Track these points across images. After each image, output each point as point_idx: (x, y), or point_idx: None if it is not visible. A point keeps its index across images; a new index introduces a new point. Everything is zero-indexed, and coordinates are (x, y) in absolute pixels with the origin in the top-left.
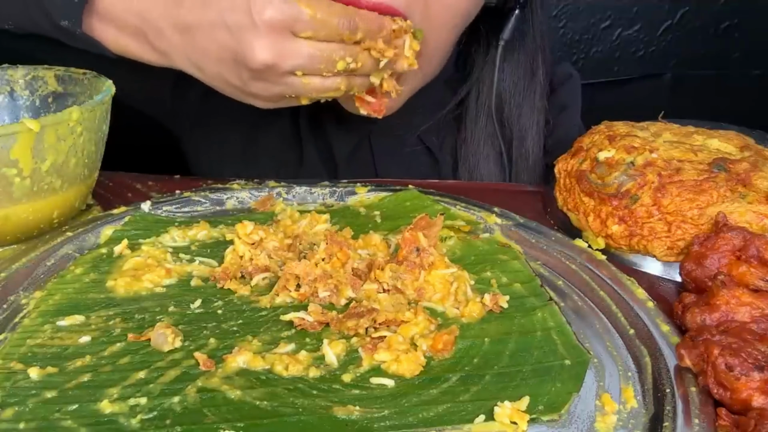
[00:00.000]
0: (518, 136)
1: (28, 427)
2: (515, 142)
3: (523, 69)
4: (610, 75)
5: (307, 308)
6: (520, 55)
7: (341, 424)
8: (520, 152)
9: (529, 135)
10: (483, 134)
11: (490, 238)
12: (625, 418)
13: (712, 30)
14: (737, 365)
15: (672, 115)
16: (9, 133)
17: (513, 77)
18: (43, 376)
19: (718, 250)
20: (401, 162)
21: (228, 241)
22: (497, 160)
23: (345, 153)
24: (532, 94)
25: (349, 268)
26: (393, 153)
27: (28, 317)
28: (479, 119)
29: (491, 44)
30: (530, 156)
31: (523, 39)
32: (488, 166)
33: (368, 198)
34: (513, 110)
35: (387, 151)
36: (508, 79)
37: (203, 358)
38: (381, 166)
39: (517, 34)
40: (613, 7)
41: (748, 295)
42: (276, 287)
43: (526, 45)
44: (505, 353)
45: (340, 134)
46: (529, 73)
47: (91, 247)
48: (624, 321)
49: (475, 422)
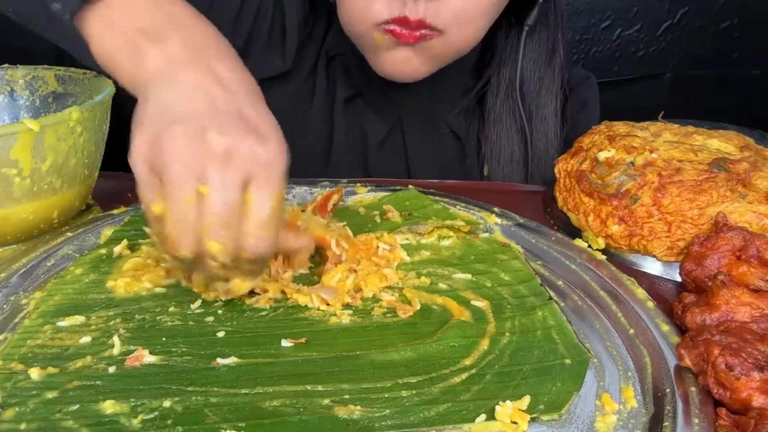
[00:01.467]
0: (538, 113)
1: (29, 427)
2: (535, 117)
3: (545, 47)
4: (610, 75)
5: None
6: (542, 35)
7: (342, 424)
8: (539, 128)
9: (548, 110)
10: (504, 111)
11: (490, 237)
12: (625, 418)
13: (712, 30)
14: (737, 365)
15: (672, 115)
16: (9, 133)
17: (534, 55)
18: (44, 377)
19: (718, 250)
20: (430, 146)
21: None
22: (519, 139)
23: (378, 139)
24: (552, 70)
25: None
26: (423, 138)
27: (28, 318)
28: (500, 98)
29: (514, 29)
30: (549, 134)
31: (545, 19)
32: (510, 144)
33: (368, 198)
34: (533, 86)
35: (417, 136)
36: (529, 58)
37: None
38: (411, 149)
39: (540, 16)
40: (613, 7)
41: (748, 295)
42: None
43: (549, 24)
44: (506, 352)
45: (374, 121)
46: (549, 51)
47: (91, 248)
48: (624, 321)
49: (476, 422)
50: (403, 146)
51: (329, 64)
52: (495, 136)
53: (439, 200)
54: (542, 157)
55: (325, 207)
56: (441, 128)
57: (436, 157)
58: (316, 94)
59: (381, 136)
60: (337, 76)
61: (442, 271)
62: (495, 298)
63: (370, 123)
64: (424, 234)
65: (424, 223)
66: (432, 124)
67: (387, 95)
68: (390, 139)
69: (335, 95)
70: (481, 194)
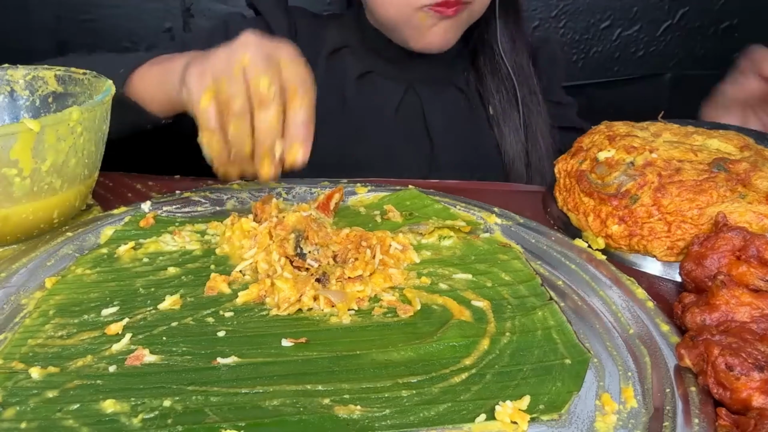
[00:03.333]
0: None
1: (29, 426)
2: (516, 69)
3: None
4: (610, 75)
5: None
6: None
7: (342, 424)
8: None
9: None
10: (490, 65)
11: (491, 238)
12: (625, 418)
13: (712, 30)
14: (737, 365)
15: (672, 115)
16: (9, 133)
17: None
18: (45, 376)
19: (718, 250)
20: (442, 101)
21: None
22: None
23: (395, 103)
24: (519, 27)
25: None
26: (434, 95)
27: (29, 317)
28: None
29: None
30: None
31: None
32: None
33: (368, 198)
34: (509, 43)
35: (429, 95)
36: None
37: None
38: (427, 107)
39: None
40: (613, 7)
41: (748, 295)
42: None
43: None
44: (506, 352)
45: (389, 87)
46: (514, 13)
47: (92, 248)
48: (624, 321)
49: (476, 421)
50: (420, 107)
51: (334, 54)
52: (494, 84)
53: (440, 200)
54: (528, 96)
55: (327, 206)
56: (446, 85)
57: (449, 108)
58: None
59: (397, 101)
60: (345, 60)
61: (442, 271)
62: (495, 298)
63: (385, 91)
64: (424, 234)
65: (425, 223)
66: (439, 83)
67: (400, 65)
68: (405, 101)
69: (345, 75)
70: (481, 194)
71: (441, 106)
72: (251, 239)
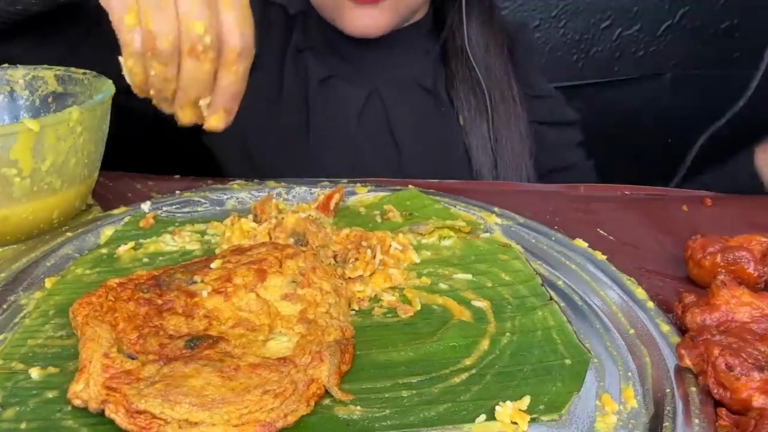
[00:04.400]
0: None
1: (29, 427)
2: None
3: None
4: (610, 75)
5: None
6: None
7: (342, 424)
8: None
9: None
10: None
11: (491, 238)
12: (625, 418)
13: (712, 30)
14: (737, 365)
15: (672, 115)
16: (9, 133)
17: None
18: (44, 376)
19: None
20: (409, 105)
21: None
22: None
23: (357, 108)
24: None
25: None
26: (400, 99)
27: (28, 317)
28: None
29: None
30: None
31: None
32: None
33: (368, 198)
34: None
35: (395, 98)
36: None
37: None
38: (392, 111)
39: None
40: (613, 7)
41: (748, 295)
42: None
43: None
44: (506, 352)
45: (351, 93)
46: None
47: (92, 248)
48: (624, 321)
49: (476, 422)
50: (383, 110)
51: (298, 56)
52: (462, 89)
53: (440, 200)
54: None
55: (327, 206)
56: (413, 88)
57: (413, 112)
58: (285, 82)
59: (360, 105)
60: (308, 63)
61: (442, 271)
62: (495, 299)
63: (347, 96)
64: (425, 234)
65: (425, 224)
66: (405, 85)
67: (360, 67)
68: (368, 108)
69: (308, 80)
70: (481, 194)
71: (407, 111)
72: (251, 239)
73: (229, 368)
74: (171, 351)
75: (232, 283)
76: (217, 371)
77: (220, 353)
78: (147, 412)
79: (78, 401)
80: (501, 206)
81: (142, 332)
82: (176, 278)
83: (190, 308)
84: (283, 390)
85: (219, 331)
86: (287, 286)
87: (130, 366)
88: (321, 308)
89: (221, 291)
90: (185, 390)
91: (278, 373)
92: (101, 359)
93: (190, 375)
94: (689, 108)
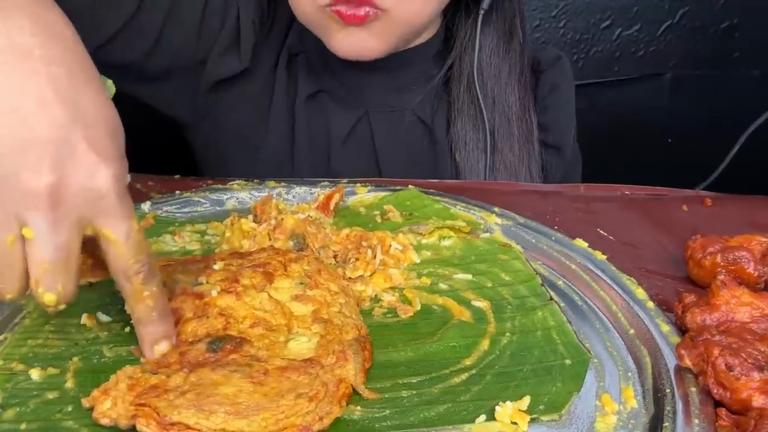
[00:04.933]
0: (499, 100)
1: (29, 427)
2: (497, 104)
3: (502, 33)
4: (610, 75)
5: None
6: (498, 21)
7: (342, 424)
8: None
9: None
10: (466, 99)
11: (491, 238)
12: (625, 418)
13: (712, 30)
14: (737, 365)
15: (672, 115)
16: None
17: (491, 42)
18: (45, 377)
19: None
20: (399, 136)
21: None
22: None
23: (343, 133)
24: (512, 56)
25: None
26: (390, 128)
27: (29, 318)
28: (462, 86)
29: (472, 15)
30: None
31: (500, 4)
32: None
33: (368, 198)
34: (492, 73)
35: (384, 126)
36: (488, 44)
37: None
38: (379, 140)
39: (495, 2)
40: (613, 7)
41: (748, 295)
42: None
43: (503, 10)
44: (506, 353)
45: (339, 115)
46: (507, 37)
47: None
48: (624, 321)
49: (476, 422)
50: (371, 139)
51: (290, 62)
52: (460, 124)
53: (440, 200)
54: (505, 144)
55: (327, 206)
56: (407, 117)
57: (404, 146)
58: (276, 92)
59: (346, 130)
60: (299, 72)
61: (442, 271)
62: (495, 299)
63: (334, 117)
64: (425, 234)
65: (425, 224)
66: (399, 114)
67: (351, 87)
68: (356, 132)
69: (297, 92)
70: (481, 194)
71: (396, 142)
72: (251, 240)
73: (258, 373)
74: (193, 356)
75: (240, 283)
76: (247, 376)
77: (246, 356)
78: (181, 423)
79: (106, 420)
80: (501, 206)
81: None
82: (179, 280)
83: (201, 309)
84: (316, 393)
85: (239, 331)
86: (296, 288)
87: (156, 380)
88: (333, 308)
89: (231, 291)
90: (218, 398)
91: (307, 375)
92: (126, 380)
93: (220, 382)
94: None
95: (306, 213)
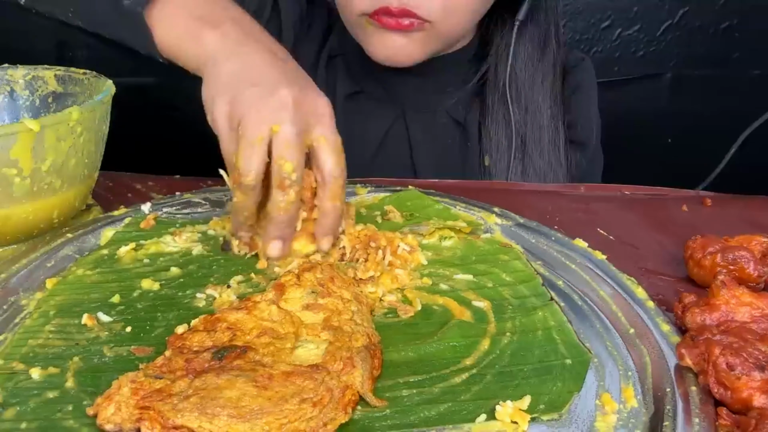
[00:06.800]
0: (532, 107)
1: (29, 427)
2: (529, 111)
3: (537, 43)
4: (610, 75)
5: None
6: (533, 31)
7: (342, 424)
8: (534, 123)
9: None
10: (500, 105)
11: (492, 238)
12: (626, 418)
13: (712, 30)
14: (738, 365)
15: (672, 114)
16: (9, 133)
17: (526, 51)
18: (45, 377)
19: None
20: (433, 136)
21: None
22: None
23: (381, 132)
24: (545, 65)
25: None
26: (426, 128)
27: (29, 318)
28: (497, 91)
29: (507, 24)
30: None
31: (535, 15)
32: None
33: (369, 198)
34: (526, 81)
35: (420, 126)
36: (522, 53)
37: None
38: (415, 140)
39: (531, 12)
40: (613, 7)
41: (748, 295)
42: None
43: (539, 21)
44: (506, 352)
45: (376, 115)
46: (541, 47)
47: (92, 249)
48: (624, 321)
49: (477, 421)
50: (407, 138)
51: (329, 64)
52: (493, 128)
53: (440, 200)
54: (535, 150)
55: None
56: (442, 118)
57: (439, 145)
58: None
59: (384, 130)
60: (338, 73)
61: (443, 271)
62: (496, 299)
63: (372, 117)
64: (425, 235)
65: (426, 224)
66: (434, 114)
67: (389, 89)
68: (392, 131)
69: (335, 93)
70: (481, 194)
71: (431, 140)
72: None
73: (262, 377)
74: (198, 364)
75: (251, 300)
76: (251, 381)
77: (250, 362)
78: (184, 427)
79: (110, 425)
80: (501, 206)
81: (165, 355)
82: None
83: (211, 324)
84: (320, 398)
85: (244, 341)
86: (307, 297)
87: (160, 385)
88: (345, 315)
89: (241, 308)
90: (221, 402)
91: (313, 380)
92: (129, 384)
93: (224, 386)
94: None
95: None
